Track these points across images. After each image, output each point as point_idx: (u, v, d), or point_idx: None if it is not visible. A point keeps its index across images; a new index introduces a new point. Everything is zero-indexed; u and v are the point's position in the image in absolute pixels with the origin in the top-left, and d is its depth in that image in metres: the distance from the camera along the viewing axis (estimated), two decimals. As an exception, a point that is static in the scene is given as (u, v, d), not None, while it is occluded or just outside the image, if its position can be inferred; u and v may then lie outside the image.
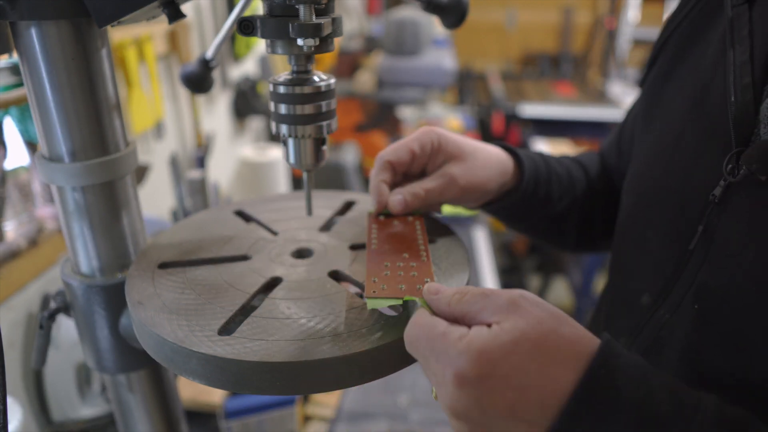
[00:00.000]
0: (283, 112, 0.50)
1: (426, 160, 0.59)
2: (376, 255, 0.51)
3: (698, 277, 0.47)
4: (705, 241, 0.47)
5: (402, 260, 0.50)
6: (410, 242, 0.53)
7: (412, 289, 0.45)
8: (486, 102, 4.27)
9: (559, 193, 0.68)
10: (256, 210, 0.66)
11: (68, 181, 0.49)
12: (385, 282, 0.46)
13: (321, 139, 0.53)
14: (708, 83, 0.51)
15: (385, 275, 0.47)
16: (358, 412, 1.17)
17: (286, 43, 0.47)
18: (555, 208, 0.68)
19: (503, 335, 0.35)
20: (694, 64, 0.55)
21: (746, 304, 0.42)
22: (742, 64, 0.47)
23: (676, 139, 0.53)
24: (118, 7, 0.42)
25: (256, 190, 1.75)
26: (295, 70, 0.50)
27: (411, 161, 0.58)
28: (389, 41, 2.37)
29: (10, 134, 0.97)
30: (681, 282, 0.49)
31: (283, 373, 0.40)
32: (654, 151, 0.57)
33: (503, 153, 0.64)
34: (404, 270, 0.48)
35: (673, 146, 0.54)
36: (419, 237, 0.54)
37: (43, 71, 0.46)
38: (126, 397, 0.60)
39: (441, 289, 0.42)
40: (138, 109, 1.26)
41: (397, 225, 0.57)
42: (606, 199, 0.72)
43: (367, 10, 4.17)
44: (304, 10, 0.44)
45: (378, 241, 0.54)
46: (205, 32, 1.70)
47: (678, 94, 0.56)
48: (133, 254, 0.56)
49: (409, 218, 0.58)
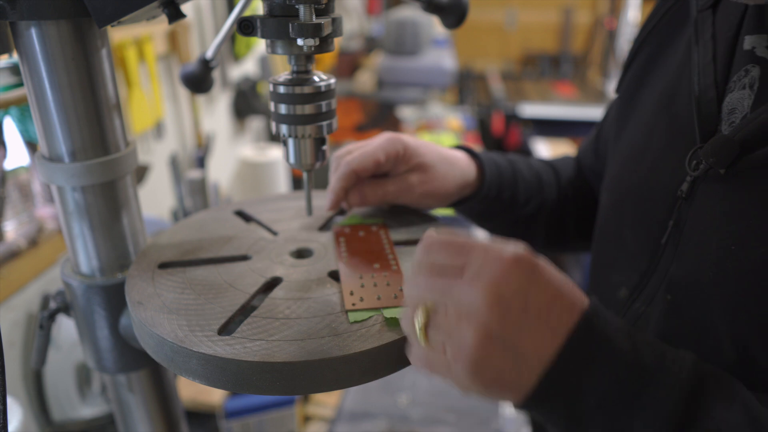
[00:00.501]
0: (283, 112, 0.50)
1: (390, 168, 0.61)
2: (349, 268, 0.52)
3: (670, 270, 0.49)
4: (675, 235, 0.49)
5: (374, 271, 0.52)
6: (378, 252, 0.55)
7: (389, 298, 0.47)
8: (486, 102, 4.27)
9: (525, 196, 0.71)
10: (256, 210, 0.66)
11: (68, 181, 0.49)
12: (362, 294, 0.48)
13: (321, 139, 0.53)
14: (676, 84, 0.54)
15: (360, 287, 0.49)
16: (358, 412, 1.17)
17: (286, 43, 0.47)
18: (522, 211, 0.71)
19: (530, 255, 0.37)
20: (665, 68, 0.58)
21: (711, 294, 0.44)
22: (705, 65, 0.50)
23: (647, 139, 0.56)
24: (118, 7, 0.42)
25: (256, 190, 1.75)
26: (295, 70, 0.50)
27: (375, 169, 0.60)
28: (389, 41, 2.37)
29: (10, 134, 0.97)
30: (655, 275, 0.51)
31: (283, 373, 0.40)
32: (627, 152, 0.60)
33: (467, 159, 0.67)
34: (378, 281, 0.50)
35: (644, 146, 0.56)
36: (386, 246, 0.56)
37: (43, 71, 0.46)
38: (126, 397, 0.60)
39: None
40: (138, 109, 1.26)
41: (362, 236, 0.59)
42: (579, 202, 0.75)
43: (367, 10, 4.17)
44: (304, 10, 0.44)
45: (347, 254, 0.55)
46: (205, 32, 1.70)
47: (649, 97, 0.59)
48: (133, 254, 0.56)
49: (373, 228, 0.60)
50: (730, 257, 0.43)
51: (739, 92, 0.47)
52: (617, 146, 0.63)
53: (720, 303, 0.44)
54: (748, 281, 0.42)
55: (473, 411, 1.17)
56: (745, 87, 0.46)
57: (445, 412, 1.17)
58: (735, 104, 0.47)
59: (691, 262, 0.47)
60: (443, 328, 0.37)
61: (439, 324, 0.37)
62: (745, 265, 0.42)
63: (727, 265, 0.43)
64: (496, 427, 1.13)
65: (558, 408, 0.36)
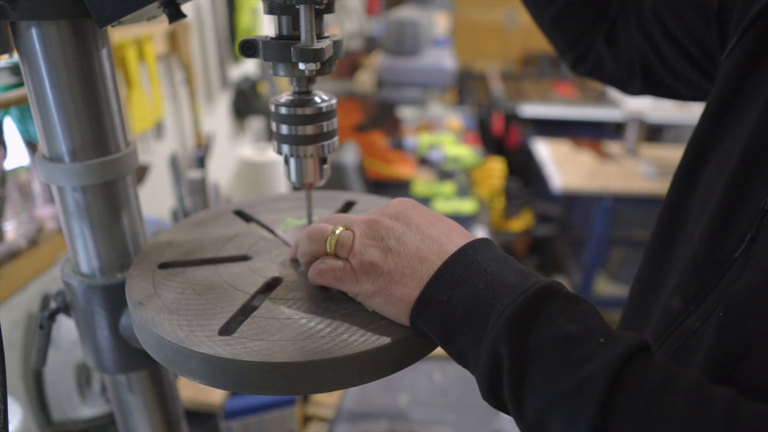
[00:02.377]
0: (284, 132, 0.51)
1: None
2: None
3: (733, 286, 0.46)
4: (749, 250, 0.46)
5: None
6: None
7: None
8: (486, 102, 4.27)
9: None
10: (256, 210, 0.66)
11: (68, 181, 0.49)
12: None
13: (322, 158, 0.53)
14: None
15: None
16: (358, 412, 1.17)
17: (288, 65, 0.48)
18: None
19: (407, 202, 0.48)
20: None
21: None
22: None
23: (748, 146, 0.50)
24: (118, 7, 0.42)
25: (256, 190, 1.75)
26: (296, 91, 0.50)
27: None
28: (389, 41, 2.36)
29: (10, 134, 0.97)
30: (717, 290, 0.48)
31: (283, 373, 0.40)
32: (720, 155, 0.54)
33: None
34: None
35: (739, 148, 0.50)
36: None
37: (43, 71, 0.46)
38: (126, 397, 0.60)
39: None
40: (138, 109, 1.26)
41: None
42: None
43: (367, 10, 4.17)
44: (305, 34, 0.44)
45: None
46: (205, 32, 1.70)
47: (751, 103, 0.52)
48: (133, 254, 0.56)
49: None
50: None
51: None
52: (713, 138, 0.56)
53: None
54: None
55: (473, 411, 1.17)
56: None
57: (445, 412, 1.17)
58: None
59: (761, 280, 0.43)
60: (346, 248, 0.46)
61: (343, 244, 0.46)
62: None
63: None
64: (496, 427, 1.14)
65: (433, 320, 0.42)
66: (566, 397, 0.36)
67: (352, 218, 0.49)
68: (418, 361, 0.45)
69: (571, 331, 0.37)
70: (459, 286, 0.41)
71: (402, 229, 0.45)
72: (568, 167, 2.93)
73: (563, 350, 0.37)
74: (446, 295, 0.41)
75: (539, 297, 0.39)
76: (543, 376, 0.37)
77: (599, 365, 0.35)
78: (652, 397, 0.35)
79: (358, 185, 1.99)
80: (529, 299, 0.38)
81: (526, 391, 0.37)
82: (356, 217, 0.49)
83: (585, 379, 0.35)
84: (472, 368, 0.41)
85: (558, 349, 0.37)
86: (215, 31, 1.76)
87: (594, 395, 0.34)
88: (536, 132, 3.65)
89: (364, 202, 0.67)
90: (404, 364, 0.44)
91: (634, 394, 0.35)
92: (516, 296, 0.39)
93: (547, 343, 0.37)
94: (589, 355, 0.36)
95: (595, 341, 0.37)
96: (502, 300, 0.39)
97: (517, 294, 0.39)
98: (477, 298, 0.40)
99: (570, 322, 0.38)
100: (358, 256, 0.45)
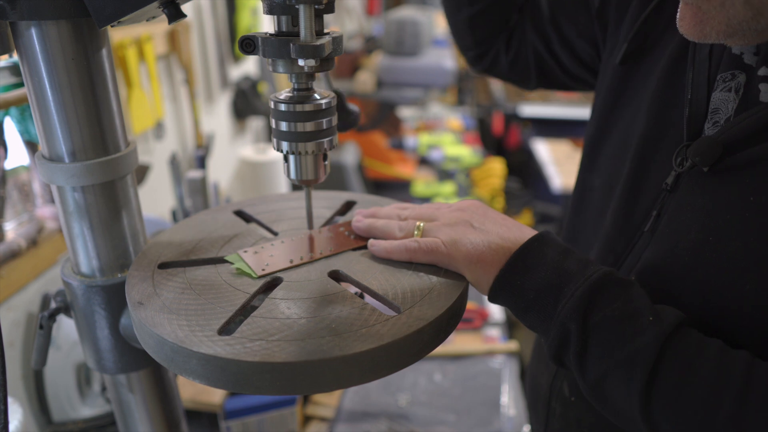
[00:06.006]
0: (284, 129, 0.50)
1: None
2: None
3: (644, 254, 0.55)
4: (656, 223, 0.55)
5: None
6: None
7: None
8: (486, 102, 4.27)
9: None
10: (256, 210, 0.66)
11: (68, 181, 0.49)
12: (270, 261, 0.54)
13: (322, 155, 0.53)
14: (672, 74, 0.56)
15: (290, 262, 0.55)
16: (358, 412, 1.17)
17: (288, 62, 0.47)
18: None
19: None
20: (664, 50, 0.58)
21: (684, 279, 0.50)
22: (700, 60, 0.52)
23: (641, 126, 0.58)
24: (118, 7, 0.42)
25: (256, 190, 1.75)
26: (296, 87, 0.50)
27: None
28: (389, 41, 2.36)
29: (10, 134, 0.97)
30: (630, 258, 0.57)
31: (283, 373, 0.40)
32: (620, 141, 0.62)
33: None
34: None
35: (638, 133, 0.59)
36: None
37: (43, 71, 0.46)
38: (126, 397, 0.60)
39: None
40: (138, 109, 1.26)
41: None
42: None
43: (367, 10, 4.17)
44: (304, 31, 0.44)
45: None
46: (205, 32, 1.70)
47: (643, 86, 0.60)
48: (133, 254, 0.56)
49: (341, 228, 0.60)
50: (708, 247, 0.48)
51: (723, 93, 0.50)
52: (609, 122, 0.65)
53: (693, 289, 0.50)
54: (723, 270, 0.47)
55: (473, 411, 1.17)
56: (731, 90, 0.50)
57: (445, 412, 1.17)
58: (718, 104, 0.50)
59: (666, 249, 0.52)
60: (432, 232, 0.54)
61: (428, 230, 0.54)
62: (723, 255, 0.48)
63: (704, 254, 0.49)
64: (497, 427, 1.13)
65: (510, 299, 0.50)
66: (620, 364, 0.45)
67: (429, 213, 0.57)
68: (418, 361, 0.46)
69: (625, 311, 0.46)
70: (530, 273, 0.49)
71: (483, 214, 0.55)
72: (568, 167, 2.93)
73: (618, 327, 0.45)
74: (520, 280, 0.49)
75: (599, 284, 0.47)
76: (602, 348, 0.46)
77: (648, 340, 0.44)
78: (687, 364, 0.43)
79: (358, 185, 1.99)
80: (591, 285, 0.47)
81: (588, 359, 0.47)
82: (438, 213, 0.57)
83: (636, 351, 0.44)
84: (543, 337, 0.50)
85: (614, 326, 0.46)
86: (215, 31, 1.76)
87: (643, 365, 0.44)
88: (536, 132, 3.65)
89: (364, 202, 0.67)
90: (404, 364, 0.44)
91: (674, 362, 0.44)
92: (581, 283, 0.47)
93: (605, 321, 0.46)
94: (641, 331, 0.45)
95: (645, 319, 0.45)
96: (570, 285, 0.47)
97: (581, 281, 0.47)
98: (547, 282, 0.48)
99: (624, 303, 0.46)
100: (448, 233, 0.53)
